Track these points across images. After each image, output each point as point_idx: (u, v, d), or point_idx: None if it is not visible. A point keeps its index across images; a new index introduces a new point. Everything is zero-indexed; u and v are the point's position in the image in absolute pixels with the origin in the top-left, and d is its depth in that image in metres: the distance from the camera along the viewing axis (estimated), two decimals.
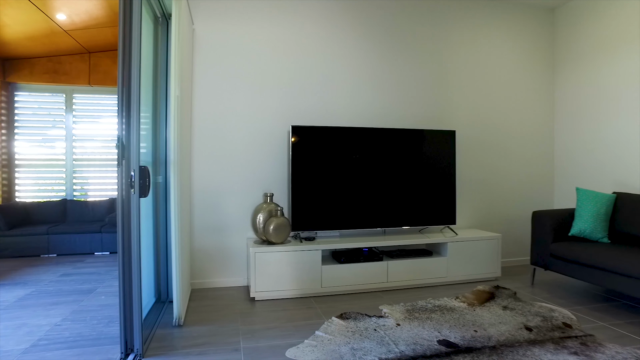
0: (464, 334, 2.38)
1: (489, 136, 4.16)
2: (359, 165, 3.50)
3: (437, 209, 3.69)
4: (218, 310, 2.89)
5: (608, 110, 3.79)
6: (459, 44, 4.06)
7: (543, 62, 4.35)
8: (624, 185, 3.63)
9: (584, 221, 3.21)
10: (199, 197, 3.42)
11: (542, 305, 2.88)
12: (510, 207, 4.25)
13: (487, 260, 3.61)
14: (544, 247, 3.33)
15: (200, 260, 3.43)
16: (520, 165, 4.28)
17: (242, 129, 3.50)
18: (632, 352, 2.13)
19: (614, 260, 2.70)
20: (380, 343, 2.26)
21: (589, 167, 3.99)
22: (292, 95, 3.61)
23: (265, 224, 3.21)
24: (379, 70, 3.82)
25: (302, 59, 3.63)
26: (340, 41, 3.72)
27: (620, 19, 3.66)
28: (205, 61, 3.42)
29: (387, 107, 3.85)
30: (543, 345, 2.22)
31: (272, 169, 3.57)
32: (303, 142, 3.38)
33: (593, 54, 3.93)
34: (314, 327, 2.56)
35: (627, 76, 3.61)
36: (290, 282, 3.14)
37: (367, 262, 3.30)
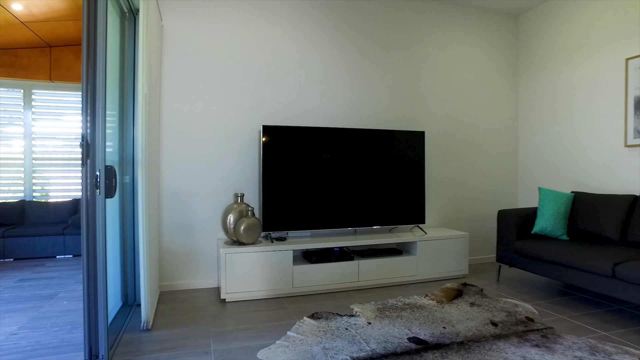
0: (433, 330, 2.44)
1: (456, 137, 4.28)
2: (330, 165, 3.52)
3: (406, 208, 3.76)
4: (188, 312, 2.83)
5: (567, 113, 3.96)
6: (428, 47, 4.15)
7: (508, 67, 4.51)
8: (582, 185, 3.82)
9: (545, 219, 3.35)
10: (167, 197, 3.34)
11: (507, 301, 2.98)
12: (477, 206, 4.38)
13: (455, 258, 3.70)
14: (508, 245, 3.45)
15: (169, 261, 3.35)
16: (487, 165, 4.42)
17: (212, 128, 3.45)
18: (586, 342, 2.24)
19: (572, 256, 2.83)
20: (351, 342, 2.27)
21: (550, 168, 4.16)
22: (264, 94, 3.59)
23: (236, 224, 3.18)
24: (351, 71, 3.85)
25: (274, 58, 3.61)
26: (313, 42, 3.73)
27: (579, 26, 3.84)
28: (175, 59, 3.35)
29: (358, 108, 3.88)
30: (507, 339, 2.31)
31: (243, 169, 3.53)
32: (274, 142, 3.36)
33: (554, 60, 4.11)
34: (285, 327, 2.55)
35: (584, 81, 3.79)
36: (261, 282, 3.12)
37: (339, 262, 3.32)
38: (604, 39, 3.61)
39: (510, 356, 2.09)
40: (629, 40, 3.41)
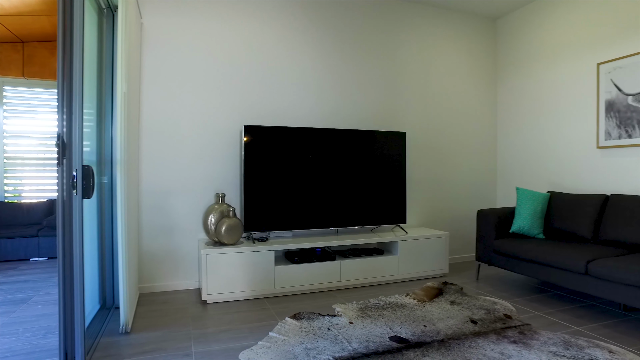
0: (414, 329, 2.47)
1: (437, 138, 4.34)
2: (312, 165, 3.52)
3: (388, 208, 3.79)
4: (168, 314, 2.79)
5: (543, 115, 4.07)
6: (410, 49, 4.19)
7: (487, 69, 4.60)
8: (557, 185, 3.92)
9: (522, 219, 3.43)
10: (147, 197, 3.28)
11: (486, 299, 3.04)
12: (457, 206, 4.45)
13: (435, 258, 3.75)
14: (487, 244, 3.52)
15: (149, 263, 3.29)
16: (466, 166, 4.50)
17: (193, 128, 3.41)
18: (560, 337, 2.31)
19: (547, 254, 2.91)
20: (333, 342, 2.28)
21: (528, 168, 4.26)
22: (246, 94, 3.56)
23: (217, 225, 3.15)
24: (333, 72, 3.86)
25: (256, 58, 3.59)
26: (296, 42, 3.72)
27: (555, 31, 3.95)
28: (155, 57, 3.29)
29: (340, 109, 3.90)
30: (486, 336, 2.35)
31: (225, 169, 3.50)
32: (256, 142, 3.34)
33: (530, 63, 4.21)
34: (267, 328, 2.54)
35: (559, 84, 3.90)
36: (243, 283, 3.10)
37: (320, 262, 3.32)
38: (578, 44, 3.72)
39: (489, 353, 2.13)
40: (600, 46, 3.52)
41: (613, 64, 3.39)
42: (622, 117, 3.33)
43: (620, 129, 3.34)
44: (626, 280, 2.42)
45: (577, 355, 2.10)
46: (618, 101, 3.36)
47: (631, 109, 3.26)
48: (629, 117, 3.28)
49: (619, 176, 3.38)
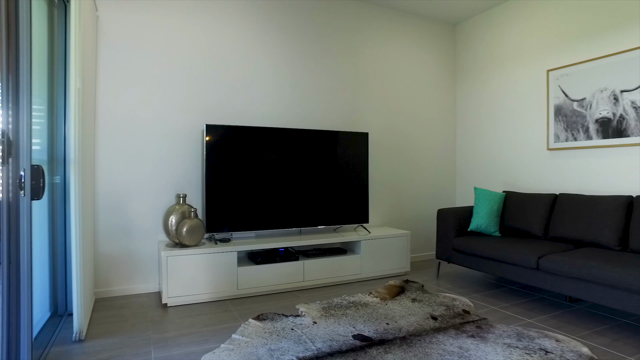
0: (377, 327, 2.51)
1: (399, 139, 4.43)
2: (275, 165, 3.50)
3: (351, 208, 3.83)
4: (126, 319, 2.69)
5: (498, 118, 4.25)
6: (372, 51, 4.26)
7: (446, 72, 4.75)
8: (511, 185, 4.11)
9: (480, 217, 3.57)
10: (104, 198, 3.15)
11: (446, 296, 3.14)
12: (418, 205, 4.57)
13: (397, 256, 3.83)
14: (447, 242, 3.63)
15: (105, 266, 3.16)
16: (427, 166, 4.62)
17: (153, 126, 3.30)
18: (514, 329, 2.42)
19: (502, 251, 3.04)
20: (297, 342, 2.28)
21: (485, 169, 4.44)
22: (208, 92, 3.49)
23: (178, 226, 3.07)
24: (296, 72, 3.86)
25: (219, 56, 3.53)
26: (259, 41, 3.69)
27: (509, 38, 4.13)
28: (112, 52, 3.17)
29: (303, 109, 3.90)
30: (446, 331, 2.43)
31: (186, 169, 3.42)
32: (218, 142, 3.29)
33: (487, 67, 4.39)
34: (230, 330, 2.51)
35: (513, 89, 4.08)
36: (205, 285, 3.03)
37: (284, 262, 3.31)
38: (530, 51, 3.91)
39: (449, 347, 2.20)
40: (549, 54, 3.72)
41: (561, 71, 3.59)
42: (568, 121, 3.53)
43: (567, 132, 3.54)
44: (571, 273, 2.57)
45: (528, 346, 2.21)
46: (565, 106, 3.56)
47: (576, 113, 3.47)
48: (575, 122, 3.48)
49: (566, 176, 3.58)
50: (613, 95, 3.22)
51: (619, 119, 3.18)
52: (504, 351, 2.16)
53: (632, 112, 3.10)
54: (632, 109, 3.10)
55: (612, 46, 3.26)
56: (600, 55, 3.33)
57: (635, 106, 3.08)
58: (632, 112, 3.10)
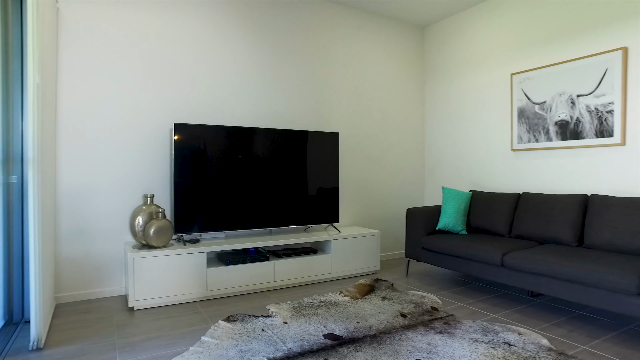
0: (348, 326, 2.53)
1: (369, 139, 4.48)
2: (245, 165, 3.47)
3: (321, 208, 3.85)
4: (89, 325, 2.59)
5: (465, 119, 4.37)
6: (342, 51, 4.28)
7: (415, 74, 4.84)
8: (478, 184, 4.24)
9: (448, 216, 3.66)
10: (66, 199, 3.02)
11: (415, 293, 3.20)
12: (388, 205, 4.63)
13: (367, 256, 3.87)
14: (416, 241, 3.70)
15: (67, 270, 3.04)
16: (396, 166, 4.69)
17: (119, 124, 3.20)
18: (480, 324, 2.50)
19: (469, 249, 3.13)
20: (268, 343, 2.27)
21: (453, 169, 4.55)
22: (177, 91, 3.42)
23: (145, 227, 2.99)
24: (267, 71, 3.83)
25: (188, 53, 3.45)
26: (229, 39, 3.64)
27: (475, 41, 4.26)
28: (74, 46, 3.04)
29: (274, 108, 3.88)
30: (415, 328, 2.47)
31: (153, 169, 3.33)
32: (187, 141, 3.22)
33: (454, 70, 4.50)
34: (200, 332, 2.46)
35: (479, 91, 4.21)
36: (173, 287, 2.97)
37: (254, 263, 3.28)
38: (495, 55, 4.05)
39: (418, 344, 2.25)
40: (513, 58, 3.86)
41: (523, 75, 3.74)
42: (531, 123, 3.68)
43: (530, 133, 3.69)
44: (532, 269, 2.68)
45: (493, 340, 2.29)
46: (527, 109, 3.71)
47: (538, 116, 3.61)
48: (536, 124, 3.63)
49: (529, 176, 3.73)
50: (570, 99, 3.37)
51: (575, 122, 3.34)
52: (470, 346, 2.22)
53: (587, 116, 3.26)
54: (587, 113, 3.26)
55: (569, 53, 3.41)
56: (559, 61, 3.48)
57: (589, 110, 3.24)
58: (587, 116, 3.26)
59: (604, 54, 3.15)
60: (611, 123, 3.12)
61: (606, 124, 3.15)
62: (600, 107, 3.19)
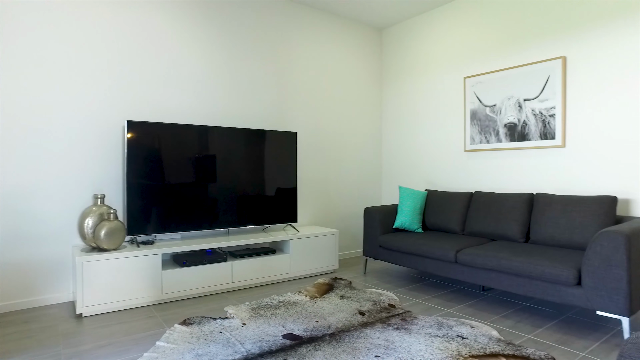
0: (307, 325, 2.53)
1: (327, 139, 4.51)
2: (201, 164, 3.39)
3: (279, 207, 3.83)
4: (32, 335, 2.43)
5: (422, 120, 4.50)
6: (302, 51, 4.29)
7: (373, 75, 4.92)
8: (433, 183, 4.38)
9: (404, 215, 3.75)
10: (6, 201, 2.82)
11: (373, 291, 3.26)
12: (345, 204, 4.69)
13: (326, 255, 3.90)
14: (373, 240, 3.77)
15: (8, 277, 2.83)
16: (354, 166, 4.76)
17: (66, 121, 3.02)
18: (435, 320, 2.58)
19: (424, 246, 3.23)
20: (226, 345, 2.23)
21: (409, 168, 4.68)
22: (130, 88, 3.28)
23: (96, 228, 2.85)
24: (224, 69, 3.77)
25: (143, 49, 3.33)
26: (187, 35, 3.54)
27: (431, 45, 4.39)
28: (14, 37, 2.84)
29: (231, 107, 3.82)
30: (373, 325, 2.52)
31: (104, 168, 3.18)
32: (141, 139, 3.11)
33: (411, 72, 4.63)
34: (154, 337, 2.38)
35: (434, 93, 4.35)
36: (126, 291, 2.85)
37: (211, 264, 3.22)
38: (449, 58, 4.20)
39: (376, 341, 2.29)
40: (466, 62, 4.02)
41: (476, 79, 3.90)
42: (482, 124, 3.85)
43: (481, 135, 3.86)
44: (484, 265, 2.80)
45: (447, 334, 2.37)
46: (479, 111, 3.87)
47: (488, 118, 3.79)
48: (487, 125, 3.80)
49: (481, 175, 3.90)
50: (518, 103, 3.56)
51: (522, 124, 3.53)
52: (426, 340, 2.29)
53: (533, 119, 3.45)
54: (533, 116, 3.45)
55: (517, 59, 3.60)
56: (508, 66, 3.67)
57: (534, 113, 3.44)
58: (532, 119, 3.46)
59: (547, 61, 3.35)
60: (553, 126, 3.32)
61: (549, 126, 3.35)
62: (544, 111, 3.38)
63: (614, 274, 2.24)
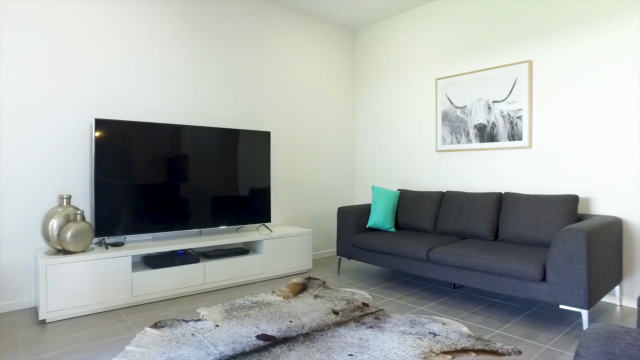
0: (281, 325, 2.52)
1: (300, 138, 4.51)
2: (173, 163, 3.33)
3: (253, 207, 3.80)
4: None
5: (395, 121, 4.56)
6: (275, 50, 4.27)
7: (347, 75, 4.95)
8: (405, 183, 4.44)
9: (377, 214, 3.79)
10: None
11: (346, 290, 3.28)
12: (319, 204, 4.70)
13: (300, 255, 3.90)
14: (347, 239, 3.79)
15: None
16: (328, 165, 4.77)
17: (29, 120, 2.90)
18: (408, 317, 2.63)
19: (397, 245, 3.27)
20: (199, 347, 2.19)
21: (382, 168, 4.73)
22: (99, 85, 3.17)
23: (61, 230, 2.75)
24: (198, 68, 3.70)
25: (112, 45, 3.22)
26: (159, 32, 3.46)
27: (404, 46, 4.46)
28: None
29: (204, 105, 3.76)
30: (347, 324, 2.54)
31: (71, 168, 3.07)
32: (110, 138, 3.02)
33: (384, 73, 4.68)
34: (124, 341, 2.31)
35: (407, 94, 4.42)
36: (94, 295, 2.76)
37: (183, 265, 3.16)
38: (422, 60, 4.27)
39: (349, 340, 2.31)
40: (438, 64, 4.11)
41: (447, 81, 3.99)
42: (453, 125, 3.94)
43: (452, 135, 3.95)
44: (455, 263, 2.87)
45: (420, 331, 2.42)
46: (450, 112, 3.96)
47: (459, 119, 3.88)
48: (458, 126, 3.89)
49: (452, 175, 3.99)
50: (487, 104, 3.66)
51: (492, 126, 3.63)
52: (399, 338, 2.32)
53: (501, 120, 3.56)
54: (501, 118, 3.56)
55: (487, 62, 3.71)
56: (478, 69, 3.77)
57: (503, 115, 3.55)
58: (501, 120, 3.56)
59: (514, 65, 3.47)
60: (520, 127, 3.44)
61: (516, 128, 3.46)
62: (512, 112, 3.50)
63: (575, 269, 2.34)
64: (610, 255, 2.66)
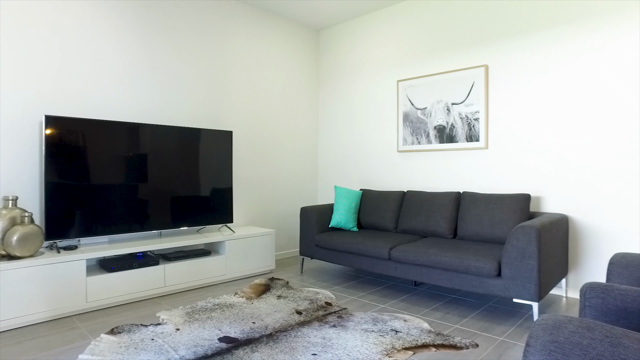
0: (244, 327, 2.49)
1: (263, 138, 4.47)
2: (131, 163, 3.21)
3: (214, 208, 3.73)
4: None
5: (357, 121, 4.62)
6: (237, 48, 4.21)
7: (310, 75, 4.96)
8: (368, 183, 4.51)
9: (340, 214, 3.83)
10: None
11: (310, 290, 3.28)
12: (282, 203, 4.68)
13: (262, 255, 3.87)
14: (310, 239, 3.80)
15: None
16: (291, 165, 4.76)
17: None
18: (370, 315, 2.67)
19: (359, 245, 3.32)
20: (158, 352, 2.13)
21: (344, 168, 4.77)
22: (49, 80, 3.00)
23: (6, 234, 2.58)
24: (158, 65, 3.59)
25: (65, 40, 3.06)
26: (116, 28, 3.31)
27: (367, 48, 4.52)
28: None
29: (164, 104, 3.65)
30: (310, 324, 2.54)
31: (17, 167, 2.88)
32: (62, 136, 2.86)
33: (347, 74, 4.73)
34: (77, 350, 2.21)
35: (369, 95, 4.48)
36: (43, 302, 2.61)
37: (142, 268, 3.05)
38: (384, 62, 4.35)
39: (313, 339, 2.31)
40: (399, 66, 4.19)
41: (408, 82, 4.08)
42: (414, 126, 4.04)
43: (413, 136, 4.04)
44: (415, 261, 2.94)
45: (382, 329, 2.46)
46: (411, 113, 4.06)
47: (420, 120, 3.98)
48: (419, 127, 3.99)
49: (413, 175, 4.09)
50: (446, 106, 3.78)
51: (451, 127, 3.75)
52: (362, 336, 2.35)
53: (460, 122, 3.69)
54: (460, 119, 3.69)
55: (446, 65, 3.82)
56: (438, 71, 3.88)
57: (461, 117, 3.67)
58: (459, 122, 3.69)
59: (472, 69, 3.60)
60: (477, 129, 3.57)
61: (474, 129, 3.60)
62: (469, 114, 3.63)
63: (527, 264, 2.46)
64: (558, 250, 2.82)
